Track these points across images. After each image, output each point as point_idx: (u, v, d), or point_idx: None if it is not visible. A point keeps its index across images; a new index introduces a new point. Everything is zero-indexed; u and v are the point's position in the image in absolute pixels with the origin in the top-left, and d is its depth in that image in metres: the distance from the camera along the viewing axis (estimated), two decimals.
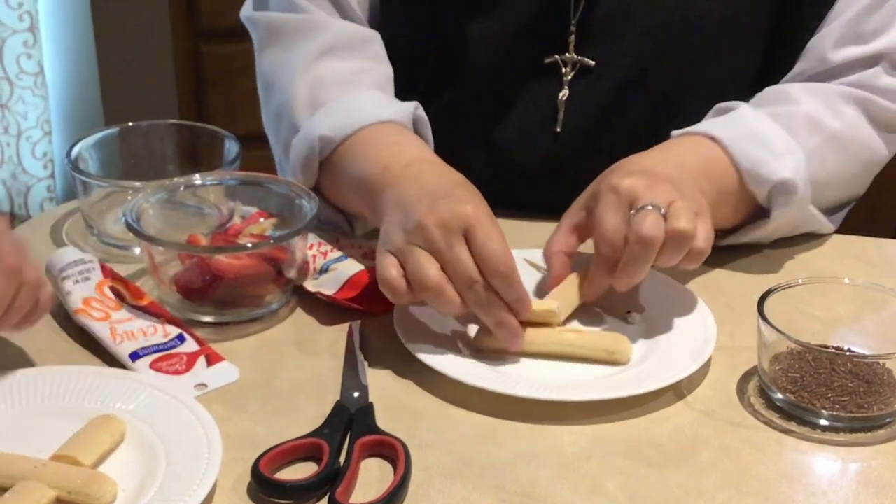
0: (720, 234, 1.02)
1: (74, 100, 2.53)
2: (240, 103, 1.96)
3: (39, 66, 2.42)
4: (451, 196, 0.88)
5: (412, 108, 1.03)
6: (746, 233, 1.04)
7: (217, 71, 2.35)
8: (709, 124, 1.02)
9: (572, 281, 0.94)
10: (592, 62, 1.08)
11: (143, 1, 2.29)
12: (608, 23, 1.07)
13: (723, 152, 1.00)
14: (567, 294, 0.94)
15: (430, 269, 0.85)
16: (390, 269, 0.86)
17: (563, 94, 1.09)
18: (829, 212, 1.09)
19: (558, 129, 1.10)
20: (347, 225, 1.05)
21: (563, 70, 1.09)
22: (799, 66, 1.08)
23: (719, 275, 1.03)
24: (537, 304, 0.89)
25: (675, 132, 1.03)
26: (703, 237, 0.89)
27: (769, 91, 1.07)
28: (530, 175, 1.12)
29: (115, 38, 2.34)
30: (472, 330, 0.91)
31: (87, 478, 0.74)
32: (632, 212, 0.88)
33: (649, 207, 0.87)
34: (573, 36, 1.08)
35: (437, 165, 0.97)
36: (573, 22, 1.07)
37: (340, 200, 1.04)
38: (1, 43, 2.36)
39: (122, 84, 2.40)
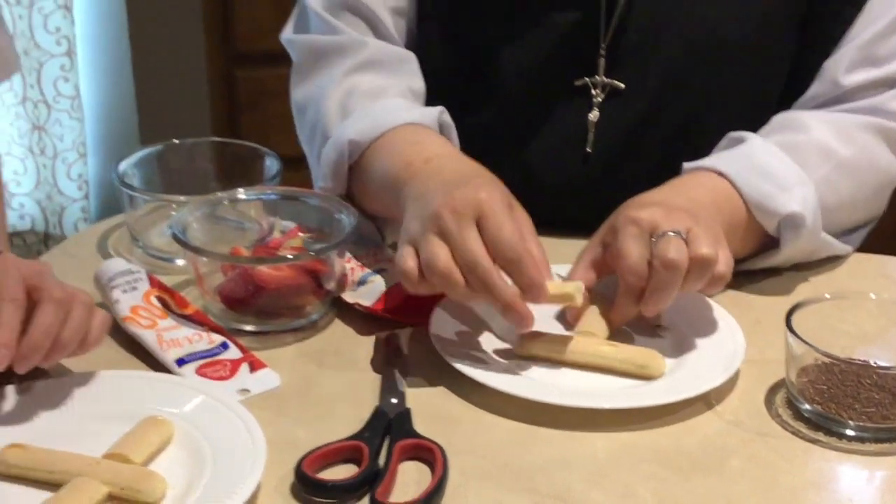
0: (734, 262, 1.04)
1: (110, 123, 2.57)
2: (272, 126, 2.00)
3: (76, 89, 2.46)
4: (468, 184, 0.91)
5: (437, 112, 1.07)
6: (758, 262, 1.06)
7: (250, 94, 2.40)
8: (717, 159, 1.05)
9: (594, 312, 0.97)
10: (622, 85, 1.11)
11: (179, 26, 2.34)
12: (637, 47, 1.10)
13: (731, 187, 1.02)
14: (594, 324, 0.96)
15: (441, 254, 0.88)
16: (407, 259, 0.89)
17: (594, 115, 1.12)
18: (846, 233, 1.11)
19: (588, 150, 1.13)
20: (377, 233, 1.08)
21: (593, 92, 1.12)
22: (813, 90, 1.11)
23: (748, 291, 1.05)
24: (555, 288, 0.91)
25: (686, 164, 1.06)
26: (724, 262, 0.92)
27: (781, 118, 1.10)
28: (561, 194, 1.15)
29: (151, 61, 2.39)
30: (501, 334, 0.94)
31: (138, 475, 0.77)
32: (653, 239, 0.91)
33: (671, 234, 0.90)
34: (603, 59, 1.11)
35: (456, 158, 1.00)
36: (603, 46, 1.10)
37: (370, 204, 1.07)
38: (39, 67, 2.41)
39: (157, 107, 2.44)
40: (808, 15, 1.11)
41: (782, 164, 1.04)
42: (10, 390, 0.85)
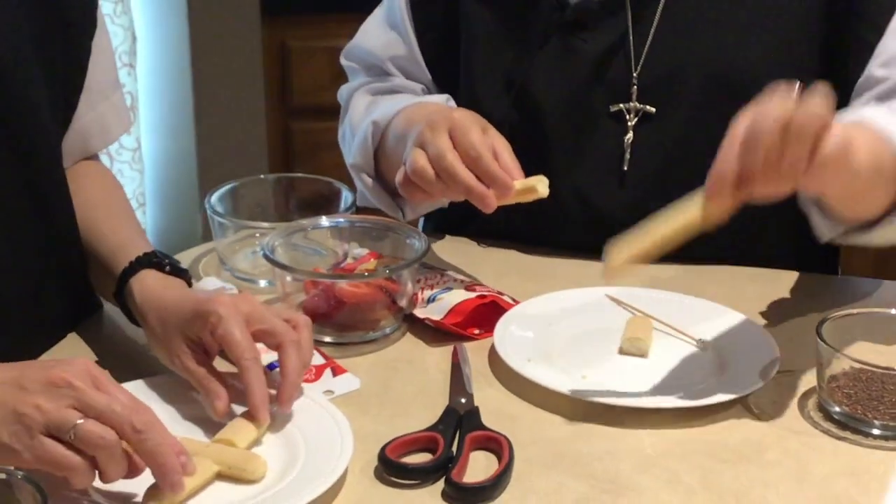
0: (863, 227, 1.07)
1: (168, 174, 2.70)
2: (325, 175, 2.12)
3: (137, 141, 2.59)
4: (446, 110, 1.13)
5: (444, 97, 1.25)
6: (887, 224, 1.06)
7: (305, 146, 2.53)
8: (851, 115, 1.04)
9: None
10: (653, 109, 1.21)
11: (241, 81, 2.47)
12: (665, 74, 1.21)
13: (875, 130, 1.00)
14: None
15: (418, 157, 1.07)
16: (398, 173, 1.11)
17: (629, 137, 1.22)
18: None
19: (626, 168, 1.23)
20: (399, 210, 1.25)
21: (628, 116, 1.22)
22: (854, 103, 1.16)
23: (781, 315, 1.15)
24: (520, 184, 1.06)
25: None
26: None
27: (883, 88, 1.13)
28: (602, 215, 1.23)
29: (212, 115, 2.52)
30: (559, 350, 1.04)
31: (243, 456, 0.87)
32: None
33: (782, 92, 0.90)
34: (635, 87, 1.22)
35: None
36: (634, 75, 1.21)
37: (393, 174, 1.18)
38: None
39: (216, 159, 2.57)
40: (828, 47, 1.18)
41: None
42: (128, 387, 0.96)
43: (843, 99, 1.18)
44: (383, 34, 1.33)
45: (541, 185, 1.06)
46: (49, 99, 1.07)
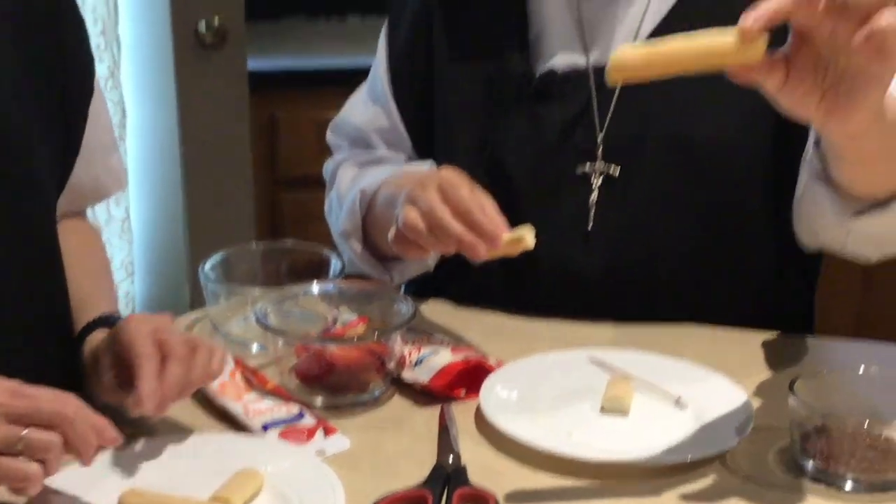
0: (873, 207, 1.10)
1: (157, 244, 2.74)
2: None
3: (126, 212, 2.63)
4: (434, 170, 1.20)
5: (428, 164, 1.31)
6: None
7: (292, 215, 2.57)
8: None
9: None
10: (617, 172, 1.26)
11: (229, 152, 2.51)
12: (628, 139, 1.26)
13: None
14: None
15: (409, 213, 1.11)
16: (390, 231, 1.15)
17: (593, 197, 1.27)
18: None
19: (590, 227, 1.27)
20: (387, 274, 1.30)
21: (593, 178, 1.27)
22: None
23: (756, 375, 1.19)
24: (509, 235, 1.10)
25: None
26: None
27: None
28: (566, 277, 1.28)
29: (201, 186, 2.55)
30: (543, 409, 1.08)
31: None
32: None
33: None
34: (600, 150, 1.27)
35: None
36: (599, 138, 1.27)
37: (383, 240, 1.24)
38: None
39: (206, 229, 2.60)
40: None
41: None
42: (126, 447, 0.99)
43: (795, 168, 1.24)
44: (367, 108, 1.41)
45: (528, 236, 1.11)
46: (47, 162, 1.12)
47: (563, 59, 1.29)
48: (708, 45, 0.88)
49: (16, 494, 0.90)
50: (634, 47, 0.89)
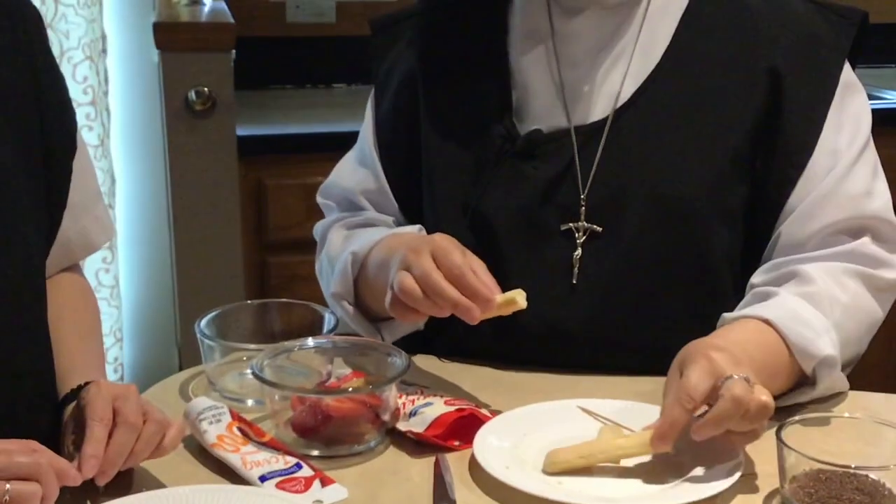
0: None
1: (146, 310, 2.75)
2: None
3: (115, 279, 2.65)
4: (427, 236, 1.24)
5: (417, 228, 1.36)
6: (791, 398, 1.21)
7: (281, 278, 2.59)
8: (760, 308, 1.20)
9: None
10: (599, 228, 1.30)
11: (218, 219, 2.54)
12: (610, 197, 1.30)
13: (776, 335, 1.17)
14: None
15: (405, 279, 1.15)
16: (386, 298, 1.19)
17: (577, 253, 1.30)
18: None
19: (574, 282, 1.30)
20: (378, 334, 1.33)
21: (577, 234, 1.31)
22: (777, 252, 1.28)
23: None
24: (501, 298, 1.15)
25: (727, 315, 1.22)
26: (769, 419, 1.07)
27: (784, 270, 1.25)
28: (556, 328, 1.31)
29: (190, 251, 2.57)
30: (535, 458, 1.10)
31: None
32: (727, 378, 1.05)
33: (739, 377, 1.05)
34: (583, 207, 1.30)
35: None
36: (582, 196, 1.30)
37: (375, 303, 1.29)
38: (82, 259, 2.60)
39: (194, 293, 2.61)
40: (756, 172, 1.29)
41: (810, 313, 1.20)
42: (126, 500, 1.01)
43: (766, 222, 1.29)
44: (355, 172, 1.45)
45: (520, 298, 1.15)
46: (34, 218, 1.14)
47: (545, 120, 1.33)
48: (629, 448, 1.09)
49: None
50: (558, 459, 1.09)
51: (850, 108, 1.30)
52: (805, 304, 1.21)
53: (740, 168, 1.29)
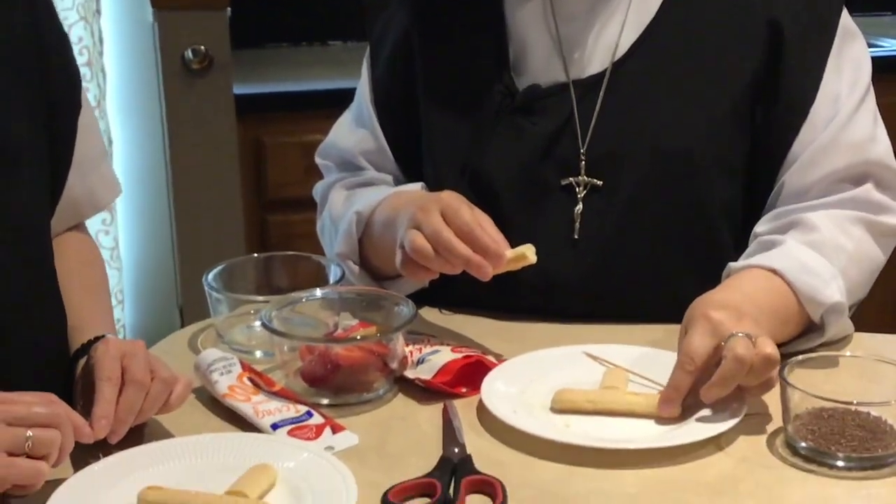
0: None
1: (146, 271, 2.76)
2: None
3: (115, 241, 2.65)
4: (433, 194, 1.24)
5: (420, 185, 1.36)
6: (799, 345, 1.22)
7: (280, 237, 2.60)
8: (766, 258, 1.21)
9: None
10: (600, 182, 1.30)
11: (217, 178, 2.54)
12: (609, 151, 1.30)
13: (784, 284, 1.18)
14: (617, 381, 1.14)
15: (415, 237, 1.16)
16: (397, 255, 1.21)
17: (578, 208, 1.31)
18: None
19: (576, 237, 1.31)
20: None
21: (577, 189, 1.31)
22: (781, 200, 1.29)
23: None
24: (511, 253, 1.15)
25: (733, 265, 1.23)
26: (777, 371, 1.08)
27: (788, 219, 1.26)
28: (557, 282, 1.32)
29: (189, 211, 2.58)
30: (542, 402, 1.12)
31: None
32: (729, 337, 1.06)
33: (740, 335, 1.06)
34: (583, 162, 1.31)
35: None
36: (582, 150, 1.31)
37: (382, 263, 1.31)
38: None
39: (193, 254, 2.62)
40: (756, 124, 1.30)
41: (816, 261, 1.21)
42: (139, 450, 1.02)
43: (768, 173, 1.30)
44: (353, 132, 1.45)
45: (529, 252, 1.16)
46: (39, 176, 1.15)
47: (543, 75, 1.33)
48: (636, 406, 1.10)
49: (16, 495, 0.93)
50: (578, 392, 1.11)
51: (850, 54, 1.30)
52: (811, 251, 1.22)
53: (741, 119, 1.30)
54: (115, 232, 2.64)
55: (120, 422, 1.01)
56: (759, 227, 1.29)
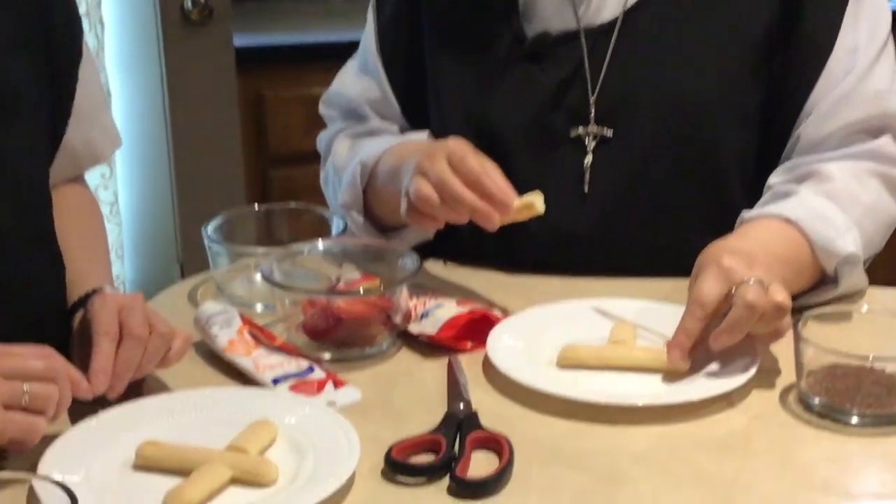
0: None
1: (146, 226, 2.73)
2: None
3: (115, 195, 2.63)
4: (439, 141, 1.18)
5: (425, 133, 1.33)
6: (812, 297, 1.20)
7: (283, 192, 2.57)
8: (780, 207, 1.19)
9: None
10: (611, 133, 1.27)
11: (218, 132, 2.51)
12: (620, 100, 1.27)
13: (798, 233, 1.16)
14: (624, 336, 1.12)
15: (421, 185, 1.12)
16: (402, 204, 1.16)
17: (588, 159, 1.28)
18: None
19: (586, 190, 1.29)
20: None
21: (587, 140, 1.28)
22: (797, 150, 1.25)
23: None
24: (518, 202, 1.12)
25: (747, 214, 1.20)
26: (788, 319, 1.05)
27: (804, 170, 1.23)
28: (565, 235, 1.29)
29: (189, 166, 2.55)
30: (549, 357, 1.10)
31: (256, 462, 0.91)
32: (740, 283, 1.03)
33: (752, 281, 1.03)
34: (592, 112, 1.28)
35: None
36: (592, 100, 1.28)
37: (386, 214, 1.28)
38: None
39: (194, 209, 2.60)
40: (773, 74, 1.26)
41: (832, 211, 1.18)
42: (137, 404, 1.00)
43: (782, 126, 1.27)
44: (358, 80, 1.42)
45: (538, 201, 1.12)
46: (38, 123, 1.12)
47: (553, 22, 1.29)
48: (645, 361, 1.08)
49: (13, 450, 0.91)
50: (585, 349, 1.09)
51: (869, 5, 1.26)
52: (827, 201, 1.19)
53: (756, 69, 1.27)
54: (114, 186, 2.61)
55: (118, 377, 0.99)
56: (773, 179, 1.26)
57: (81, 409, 0.98)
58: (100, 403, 0.99)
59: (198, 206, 2.57)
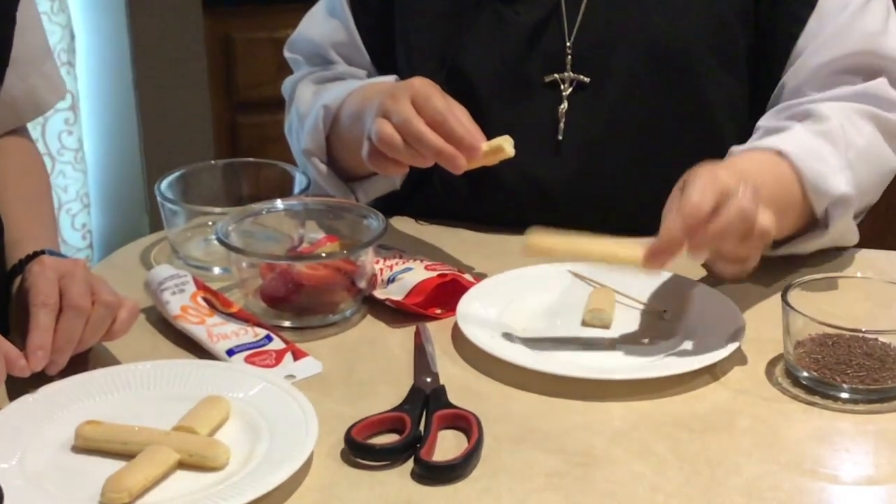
0: (774, 244, 1.10)
1: (112, 174, 2.66)
2: None
3: (79, 142, 2.55)
4: (405, 81, 1.12)
5: (392, 78, 1.25)
6: (800, 244, 1.13)
7: (252, 139, 2.50)
8: (771, 140, 1.12)
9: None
10: (587, 79, 1.21)
11: (184, 77, 2.43)
12: (598, 44, 1.21)
13: (789, 167, 1.09)
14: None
15: (384, 126, 1.06)
16: (363, 147, 1.10)
17: (563, 107, 1.21)
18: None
19: (560, 138, 1.22)
20: (352, 194, 1.26)
21: (562, 86, 1.22)
22: (785, 94, 1.18)
23: (743, 286, 1.13)
24: (487, 146, 1.06)
25: (736, 147, 1.14)
26: (759, 256, 0.99)
27: (796, 110, 1.16)
28: (540, 187, 1.23)
29: (156, 112, 2.48)
30: (522, 326, 1.03)
31: (205, 443, 0.85)
32: (733, 195, 0.95)
33: (749, 192, 0.95)
34: (569, 56, 1.21)
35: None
36: (568, 44, 1.21)
37: (349, 159, 1.22)
38: (43, 121, 2.49)
39: (161, 156, 2.52)
40: (761, 17, 1.19)
41: (826, 149, 1.11)
42: (80, 378, 0.93)
43: (773, 70, 1.20)
44: (324, 22, 1.35)
45: (507, 145, 1.06)
46: None
47: None
48: (613, 253, 0.99)
49: None
50: (543, 237, 1.00)
51: None
52: (820, 140, 1.12)
53: (744, 13, 1.20)
54: (78, 132, 2.53)
55: (58, 351, 0.91)
56: (763, 121, 1.18)
57: (20, 385, 0.91)
58: (41, 378, 0.92)
59: (165, 154, 2.50)
